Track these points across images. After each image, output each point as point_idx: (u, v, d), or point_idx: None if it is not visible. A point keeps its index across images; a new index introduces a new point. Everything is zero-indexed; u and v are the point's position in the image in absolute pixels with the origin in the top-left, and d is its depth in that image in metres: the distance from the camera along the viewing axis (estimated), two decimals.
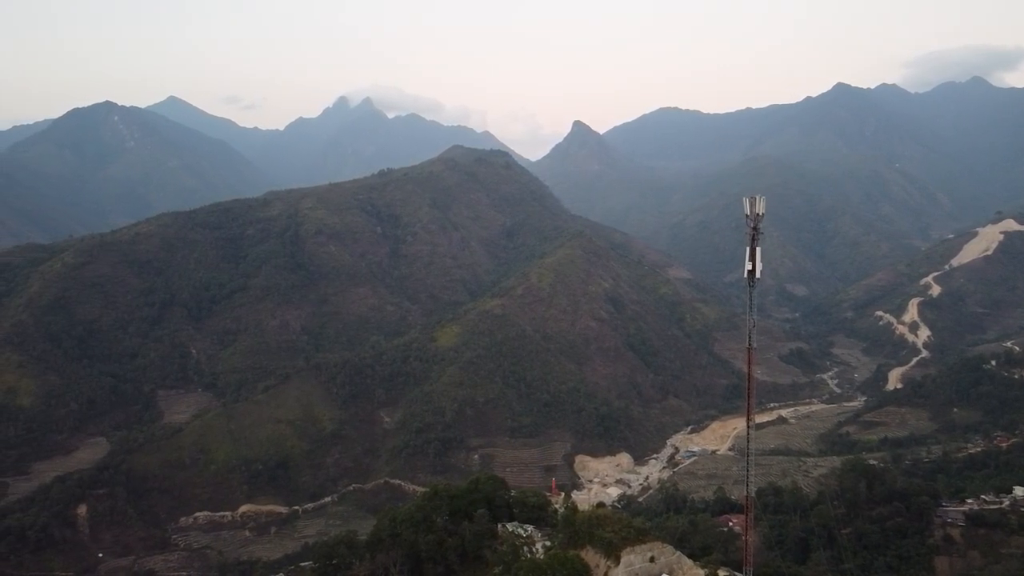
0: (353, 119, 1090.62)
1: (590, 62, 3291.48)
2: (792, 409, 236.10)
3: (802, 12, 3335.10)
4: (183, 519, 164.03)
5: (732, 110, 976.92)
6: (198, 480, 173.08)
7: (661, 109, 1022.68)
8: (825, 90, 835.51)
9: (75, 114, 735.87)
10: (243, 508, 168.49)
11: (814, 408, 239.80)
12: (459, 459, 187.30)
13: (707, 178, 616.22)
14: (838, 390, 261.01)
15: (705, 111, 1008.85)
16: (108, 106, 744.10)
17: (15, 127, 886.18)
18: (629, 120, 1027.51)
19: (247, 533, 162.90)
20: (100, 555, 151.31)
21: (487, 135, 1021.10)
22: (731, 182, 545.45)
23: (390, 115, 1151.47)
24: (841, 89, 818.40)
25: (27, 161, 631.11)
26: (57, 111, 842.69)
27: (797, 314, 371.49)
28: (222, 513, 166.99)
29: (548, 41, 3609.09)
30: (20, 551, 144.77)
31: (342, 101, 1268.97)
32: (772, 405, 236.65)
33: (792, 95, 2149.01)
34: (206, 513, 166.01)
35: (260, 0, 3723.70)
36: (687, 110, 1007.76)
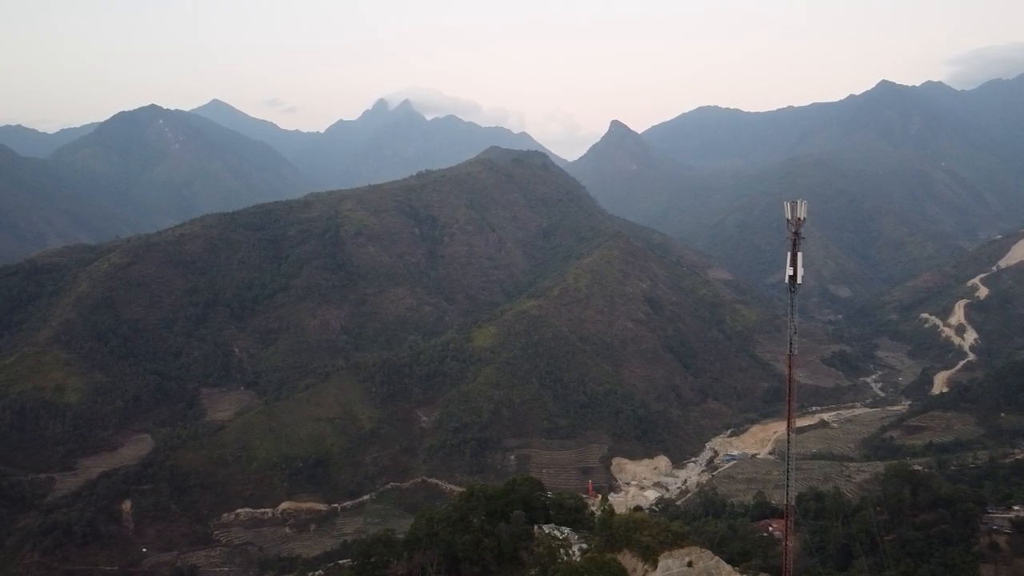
0: (392, 121, 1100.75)
1: (628, 61, 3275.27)
2: (834, 413, 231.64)
3: (845, 9, 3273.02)
4: (225, 515, 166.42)
5: (773, 109, 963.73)
6: (240, 477, 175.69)
7: (700, 108, 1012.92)
8: (869, 88, 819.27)
9: (121, 117, 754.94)
10: (283, 505, 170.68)
11: (857, 412, 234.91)
12: (495, 459, 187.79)
13: (748, 178, 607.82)
14: (882, 394, 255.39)
15: (746, 110, 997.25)
16: (153, 109, 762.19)
17: (63, 130, 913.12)
18: (668, 119, 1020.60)
19: (287, 530, 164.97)
20: (144, 550, 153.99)
21: (524, 136, 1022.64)
22: (772, 181, 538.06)
23: (428, 117, 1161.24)
24: (885, 87, 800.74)
25: (75, 163, 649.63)
26: (104, 114, 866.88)
27: (840, 316, 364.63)
28: (263, 510, 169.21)
29: (586, 41, 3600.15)
30: (66, 545, 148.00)
31: (381, 103, 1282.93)
32: (814, 409, 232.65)
33: (835, 93, 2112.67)
34: (247, 510, 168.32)
35: (302, 5, 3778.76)
36: (727, 109, 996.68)
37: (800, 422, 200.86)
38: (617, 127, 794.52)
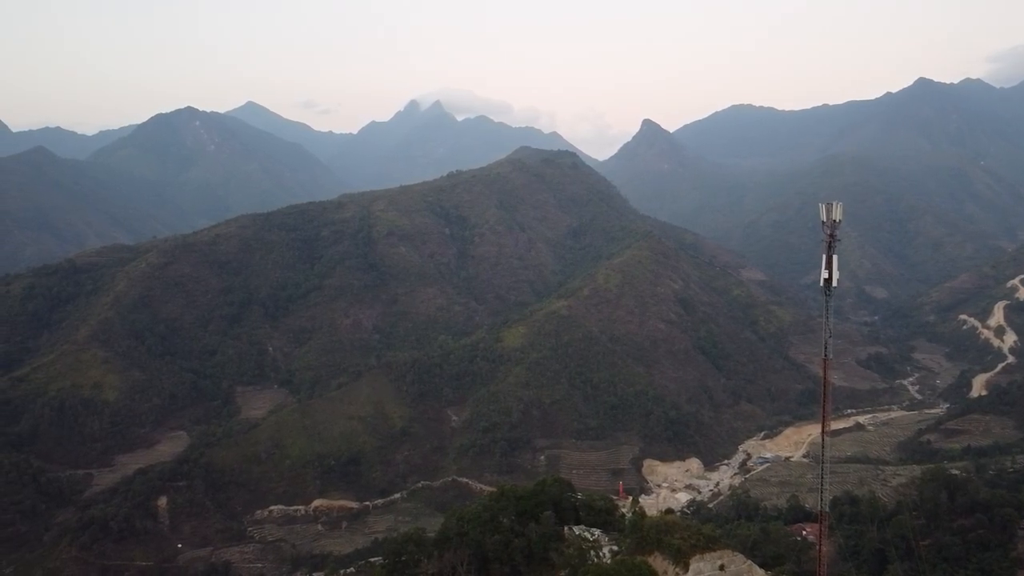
0: (423, 122, 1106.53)
1: (660, 60, 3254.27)
2: (870, 416, 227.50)
3: (881, 6, 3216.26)
4: (258, 512, 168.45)
5: (808, 107, 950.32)
6: (273, 474, 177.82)
7: (734, 106, 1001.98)
8: (906, 85, 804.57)
9: (158, 119, 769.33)
10: (316, 503, 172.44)
11: (893, 415, 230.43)
12: (525, 459, 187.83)
13: (782, 177, 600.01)
14: (919, 396, 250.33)
15: (780, 108, 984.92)
16: (190, 111, 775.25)
17: (102, 132, 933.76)
18: (700, 118, 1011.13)
19: (319, 527, 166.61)
20: (179, 545, 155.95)
21: (555, 135, 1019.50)
22: (807, 181, 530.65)
23: (459, 118, 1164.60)
24: (923, 84, 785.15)
25: (113, 165, 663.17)
26: (141, 117, 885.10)
27: (876, 317, 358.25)
28: (295, 507, 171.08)
29: (618, 41, 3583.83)
30: (103, 541, 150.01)
31: (413, 104, 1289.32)
32: (849, 411, 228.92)
33: (871, 91, 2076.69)
34: (280, 507, 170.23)
35: (338, 8, 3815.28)
36: (761, 107, 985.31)
37: (835, 425, 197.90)
38: (648, 126, 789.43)
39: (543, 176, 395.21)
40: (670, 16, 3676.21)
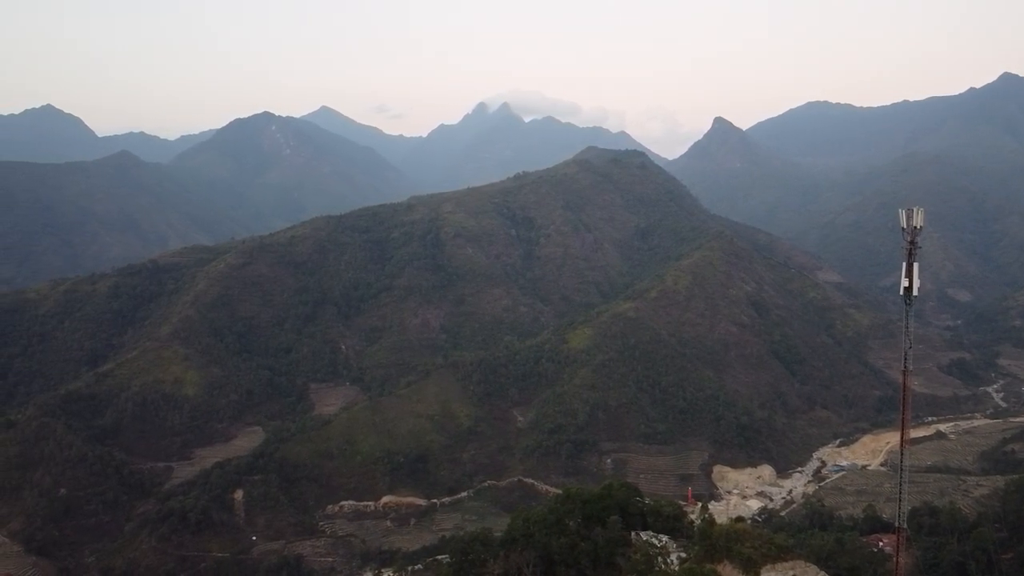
0: (491, 124, 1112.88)
1: (732, 57, 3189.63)
2: (952, 424, 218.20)
3: None
4: (330, 507, 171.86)
5: (887, 103, 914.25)
6: (344, 470, 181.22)
7: (810, 103, 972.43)
8: (990, 80, 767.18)
9: (236, 124, 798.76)
10: (385, 499, 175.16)
11: (976, 423, 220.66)
12: (591, 462, 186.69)
13: (860, 175, 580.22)
14: (1004, 404, 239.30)
15: (857, 105, 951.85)
16: (266, 116, 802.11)
17: (183, 137, 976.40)
18: (774, 115, 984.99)
19: (388, 523, 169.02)
20: (254, 538, 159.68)
21: (623, 135, 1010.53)
22: (886, 179, 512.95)
23: (527, 119, 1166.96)
24: (1008, 79, 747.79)
25: (194, 168, 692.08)
26: (220, 121, 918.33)
27: (959, 321, 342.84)
28: (365, 503, 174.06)
29: (689, 40, 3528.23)
30: (181, 532, 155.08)
31: (481, 107, 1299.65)
32: (930, 419, 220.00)
33: (954, 86, 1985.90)
34: (351, 502, 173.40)
35: (411, 15, 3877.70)
36: (838, 104, 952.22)
37: (914, 433, 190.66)
38: (720, 124, 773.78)
39: (610, 176, 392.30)
40: (743, 13, 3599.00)
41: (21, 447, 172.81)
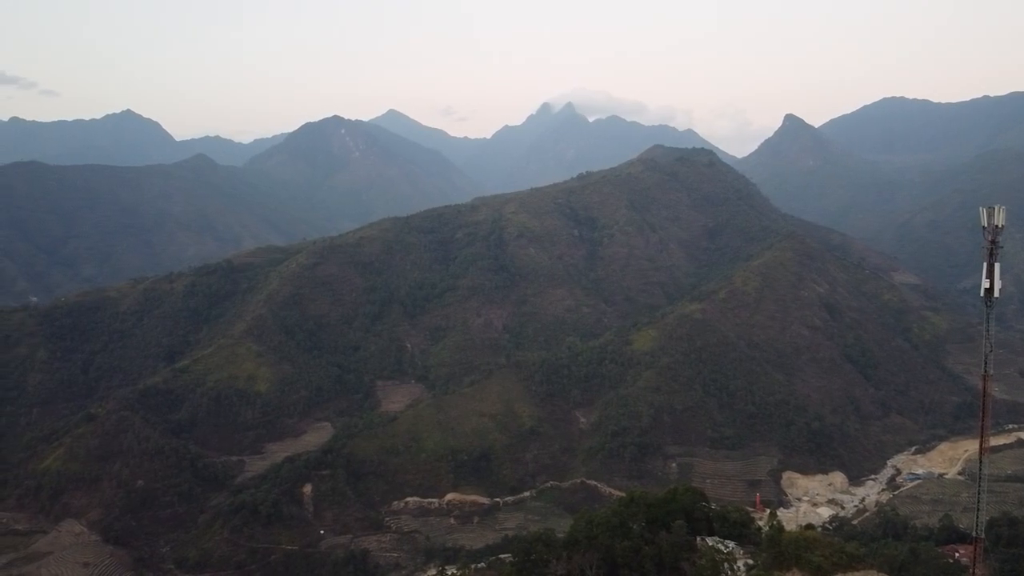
0: (555, 125, 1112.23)
1: (804, 53, 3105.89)
2: None
3: None
4: (395, 503, 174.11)
5: (967, 99, 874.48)
6: (409, 466, 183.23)
7: (885, 99, 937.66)
8: None
9: (307, 128, 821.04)
10: (448, 496, 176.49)
11: None
12: (655, 466, 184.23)
13: (938, 173, 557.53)
14: None
15: (935, 100, 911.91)
16: (336, 120, 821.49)
17: (256, 140, 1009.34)
18: (848, 112, 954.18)
19: (452, 520, 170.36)
20: (322, 532, 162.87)
21: (690, 133, 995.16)
22: (966, 177, 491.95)
23: (591, 119, 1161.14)
24: None
25: (267, 171, 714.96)
26: (292, 125, 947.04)
27: None
28: (430, 500, 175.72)
29: (758, 35, 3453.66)
30: (252, 524, 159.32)
31: (545, 107, 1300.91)
32: (1011, 427, 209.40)
33: None
34: (416, 499, 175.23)
35: (473, 17, 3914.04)
36: (914, 99, 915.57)
37: (995, 441, 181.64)
38: (792, 121, 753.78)
39: (676, 175, 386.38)
40: (816, 8, 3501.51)
41: (101, 440, 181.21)
